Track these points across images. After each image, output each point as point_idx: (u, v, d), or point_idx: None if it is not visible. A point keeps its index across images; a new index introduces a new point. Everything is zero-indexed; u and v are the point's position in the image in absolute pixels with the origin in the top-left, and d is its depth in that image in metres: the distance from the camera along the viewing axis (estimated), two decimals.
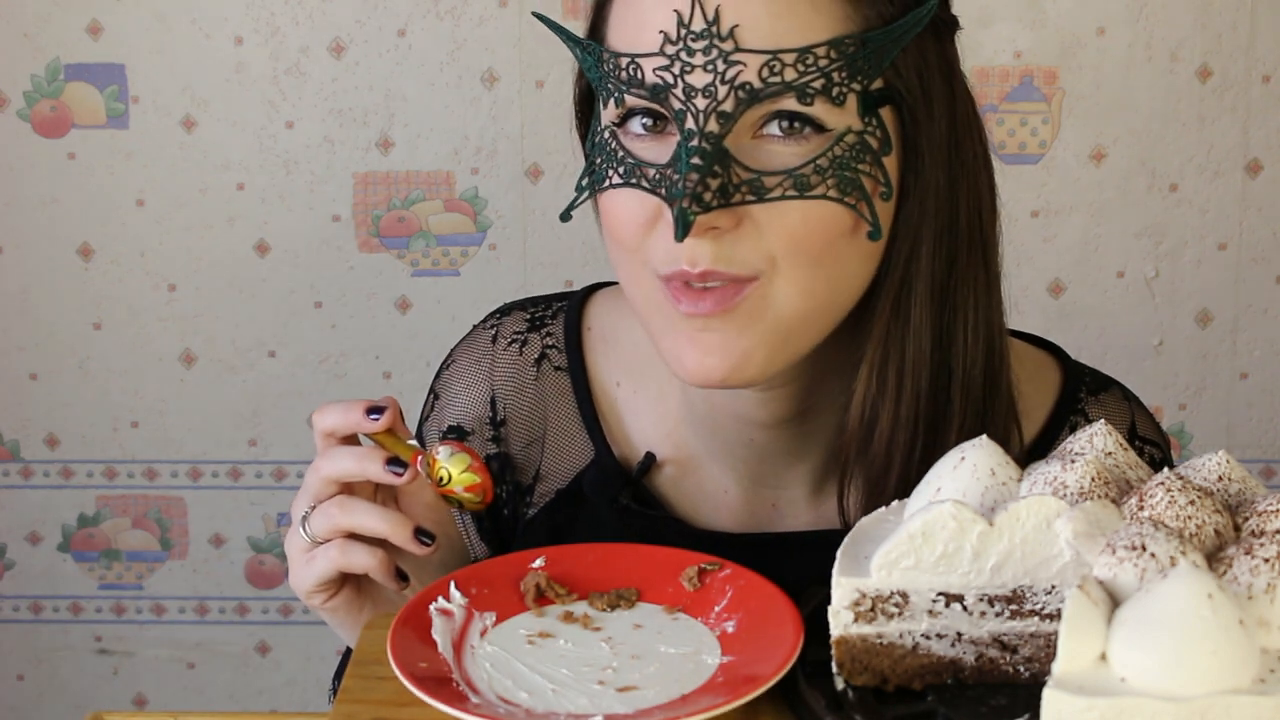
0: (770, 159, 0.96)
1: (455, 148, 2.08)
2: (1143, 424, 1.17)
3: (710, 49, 0.94)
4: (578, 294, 1.21)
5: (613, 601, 0.99)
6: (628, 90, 0.97)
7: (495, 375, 1.18)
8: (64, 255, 2.12)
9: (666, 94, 0.95)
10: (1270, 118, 2.05)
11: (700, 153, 0.94)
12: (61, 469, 2.20)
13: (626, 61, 0.97)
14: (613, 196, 0.99)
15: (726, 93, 0.94)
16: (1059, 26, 2.03)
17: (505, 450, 1.17)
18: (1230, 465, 0.89)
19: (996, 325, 1.04)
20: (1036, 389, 1.14)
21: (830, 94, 0.95)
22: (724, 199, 0.94)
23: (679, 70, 0.94)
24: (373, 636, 0.96)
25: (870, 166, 0.97)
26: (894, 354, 1.02)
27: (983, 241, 1.03)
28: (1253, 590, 0.78)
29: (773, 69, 0.94)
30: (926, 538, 0.85)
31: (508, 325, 1.20)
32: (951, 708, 0.86)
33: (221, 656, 2.26)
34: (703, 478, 1.14)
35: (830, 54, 0.94)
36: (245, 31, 2.06)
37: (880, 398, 1.02)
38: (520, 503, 1.17)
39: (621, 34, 0.98)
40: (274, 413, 2.16)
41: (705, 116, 0.94)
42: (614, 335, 1.17)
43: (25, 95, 2.08)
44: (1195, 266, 2.10)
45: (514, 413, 1.17)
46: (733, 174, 0.94)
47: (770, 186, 0.95)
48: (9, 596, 2.24)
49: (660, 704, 0.87)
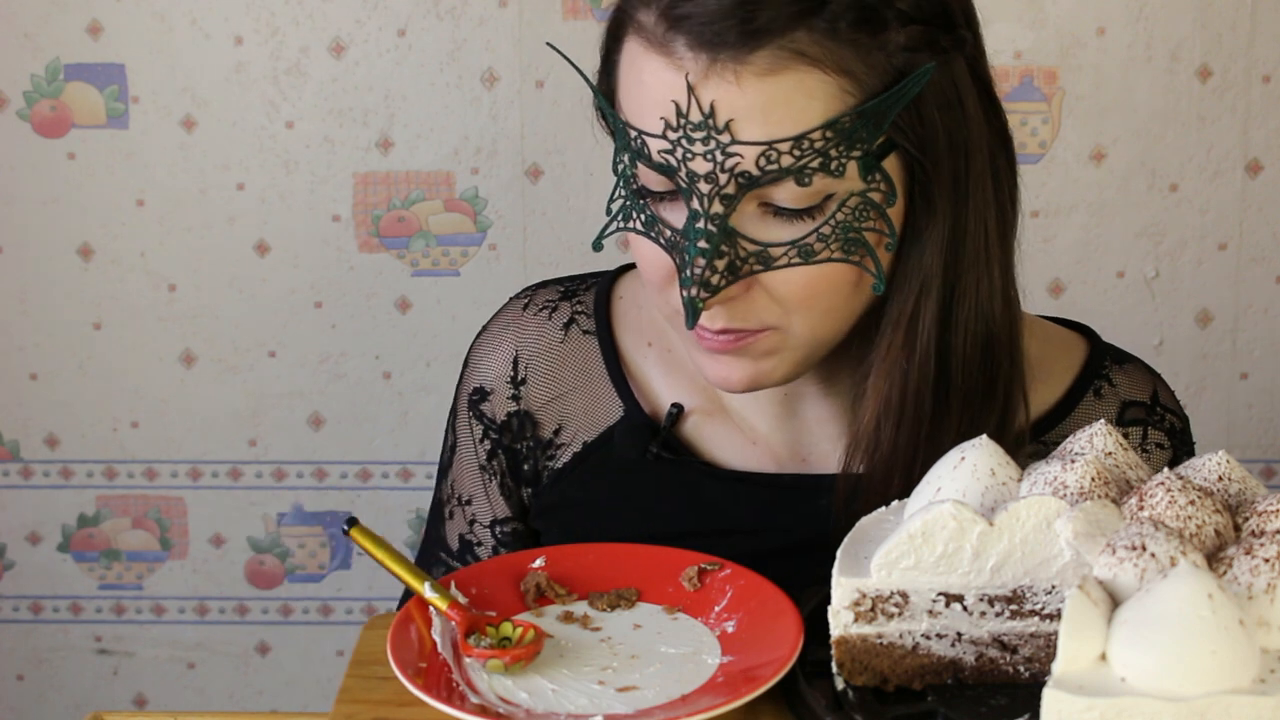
0: (776, 229, 0.99)
1: (455, 148, 2.08)
2: (1164, 395, 1.21)
3: (709, 139, 0.96)
4: (610, 272, 1.25)
5: (613, 601, 0.99)
6: (637, 159, 0.99)
7: (521, 337, 1.22)
8: (64, 255, 2.12)
9: (673, 174, 0.98)
10: (1270, 118, 2.05)
11: (707, 235, 0.97)
12: (61, 469, 2.20)
13: (634, 134, 0.99)
14: (637, 239, 1.04)
15: (727, 179, 0.96)
16: (1059, 26, 2.03)
17: (525, 408, 1.20)
18: (1230, 465, 0.89)
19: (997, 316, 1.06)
20: (1060, 357, 1.18)
21: (829, 169, 0.96)
22: (732, 275, 0.98)
23: (681, 155, 0.97)
24: (373, 636, 0.96)
25: (875, 221, 0.99)
26: (898, 381, 1.05)
27: (988, 255, 1.04)
28: (1253, 590, 0.78)
29: (769, 158, 0.95)
30: (926, 538, 0.85)
31: (541, 295, 1.24)
32: (951, 708, 0.86)
33: (221, 656, 2.26)
34: (731, 424, 1.17)
35: (826, 135, 0.96)
36: (245, 31, 2.05)
37: (884, 418, 1.06)
38: (542, 456, 1.20)
39: (628, 103, 1.01)
40: (274, 413, 2.16)
41: (709, 200, 0.97)
42: (646, 301, 1.21)
43: (25, 95, 2.07)
44: (1195, 266, 2.09)
45: (535, 371, 1.21)
46: (739, 249, 0.98)
47: (776, 256, 0.99)
48: (9, 596, 2.24)
49: (660, 704, 0.87)
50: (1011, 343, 1.07)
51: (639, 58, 0.98)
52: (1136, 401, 1.17)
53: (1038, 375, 1.14)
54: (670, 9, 0.96)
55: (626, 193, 1.03)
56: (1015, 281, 1.09)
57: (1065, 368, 1.18)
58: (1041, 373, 1.15)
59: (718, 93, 0.95)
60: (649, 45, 0.97)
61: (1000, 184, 1.05)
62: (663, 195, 1.01)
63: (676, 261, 0.99)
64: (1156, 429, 1.18)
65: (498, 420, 1.22)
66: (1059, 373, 1.17)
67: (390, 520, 2.13)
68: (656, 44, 0.97)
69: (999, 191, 1.05)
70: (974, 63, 1.03)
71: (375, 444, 2.16)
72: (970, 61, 1.02)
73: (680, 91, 0.95)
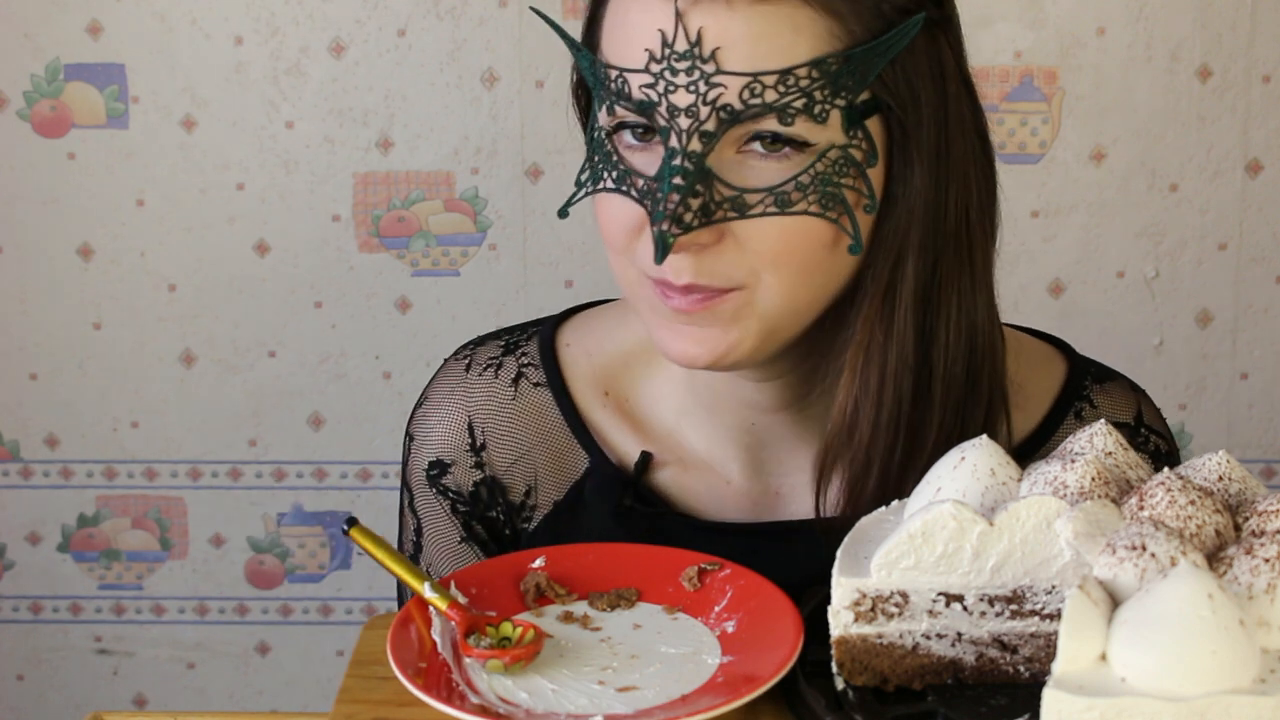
0: (753, 175, 0.96)
1: (455, 148, 2.08)
2: (1149, 414, 1.17)
3: (693, 70, 0.94)
4: (551, 318, 1.21)
5: (613, 601, 0.99)
6: (617, 102, 0.98)
7: (471, 400, 1.17)
8: (64, 255, 2.12)
9: (652, 110, 0.96)
10: (1270, 118, 2.05)
11: (683, 172, 0.95)
12: (61, 469, 2.20)
13: (615, 74, 0.98)
14: (605, 199, 1.01)
15: (709, 113, 0.95)
16: (1059, 26, 2.03)
17: (491, 474, 1.16)
18: (1230, 465, 0.89)
19: (981, 320, 1.04)
20: (1039, 379, 1.15)
21: (812, 112, 0.95)
22: (705, 218, 0.95)
23: (663, 89, 0.95)
24: (373, 636, 0.96)
25: (854, 179, 0.97)
26: (875, 359, 1.02)
27: (969, 240, 1.02)
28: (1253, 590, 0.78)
29: (753, 91, 0.94)
30: (926, 538, 0.85)
31: (481, 354, 1.19)
32: (951, 708, 0.86)
33: (221, 656, 2.26)
34: (704, 472, 1.14)
35: (812, 74, 0.95)
36: (245, 31, 2.05)
37: (862, 401, 1.03)
38: (516, 519, 1.16)
39: (611, 46, 0.99)
40: (274, 413, 2.16)
41: (688, 136, 0.95)
42: (597, 349, 1.17)
43: (25, 95, 2.07)
44: (1195, 266, 2.10)
45: (494, 434, 1.16)
46: (715, 191, 0.96)
47: (752, 203, 0.96)
48: (9, 596, 2.24)
49: (660, 704, 0.87)
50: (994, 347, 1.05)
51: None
52: (1119, 423, 1.13)
53: (1016, 398, 1.10)
54: None
55: (599, 155, 1.00)
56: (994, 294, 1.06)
57: (1044, 390, 1.14)
58: (1019, 395, 1.11)
59: (707, 19, 0.94)
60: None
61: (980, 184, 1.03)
62: (639, 137, 0.98)
63: (648, 207, 0.96)
64: (1140, 451, 1.12)
65: (465, 492, 1.16)
66: (1037, 396, 1.14)
67: (390, 520, 2.11)
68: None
69: (979, 191, 1.03)
70: (958, 55, 1.02)
71: (375, 444, 2.16)
72: (954, 50, 1.01)
73: (668, 20, 0.94)
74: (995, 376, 1.05)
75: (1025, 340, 1.18)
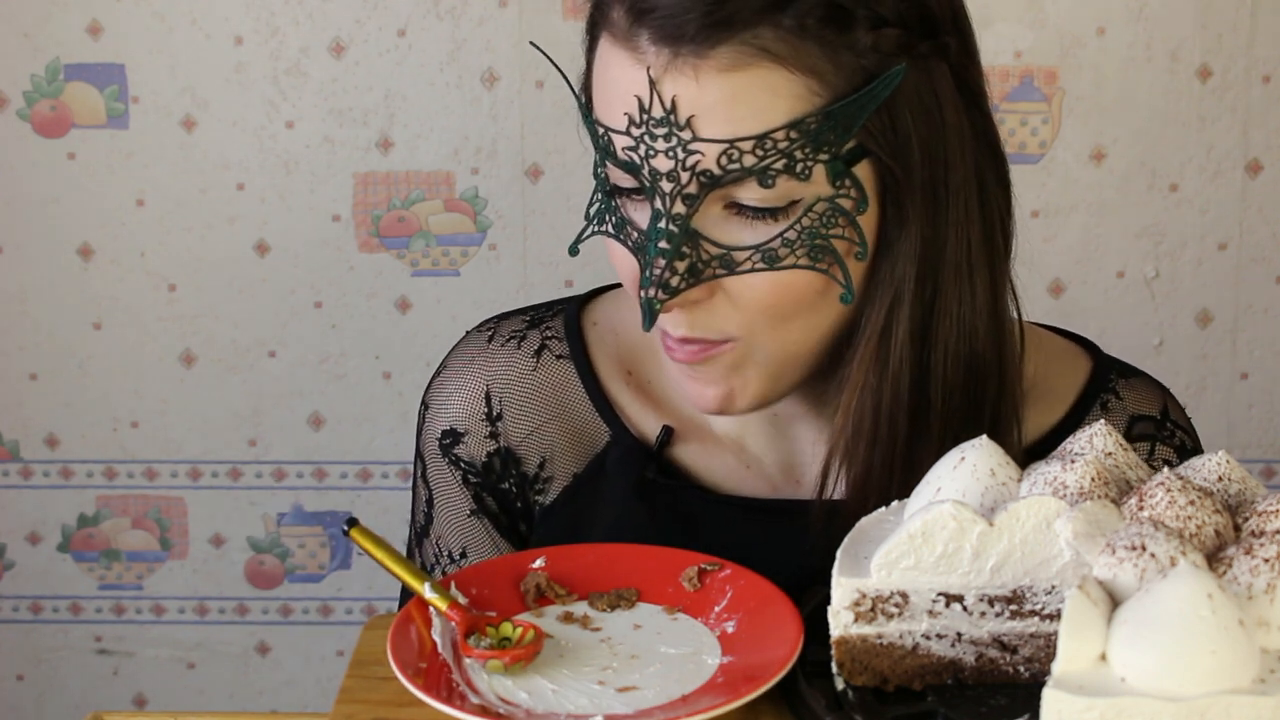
0: (740, 232, 0.96)
1: (455, 148, 2.08)
2: (1174, 410, 1.17)
3: (670, 135, 0.94)
4: (577, 296, 1.21)
5: (613, 602, 0.99)
6: (605, 158, 0.98)
7: (490, 369, 1.17)
8: (64, 255, 2.12)
9: (636, 172, 0.96)
10: (1270, 118, 2.05)
11: (668, 235, 0.95)
12: (61, 469, 2.20)
13: (602, 132, 0.98)
14: (611, 244, 1.02)
15: (689, 178, 0.94)
16: (1059, 26, 2.03)
17: (505, 445, 1.16)
18: (1230, 465, 0.89)
19: (982, 346, 1.03)
20: (1063, 375, 1.15)
21: (794, 170, 0.94)
22: (694, 278, 0.96)
23: (644, 153, 0.95)
24: (373, 637, 0.96)
25: (844, 228, 0.97)
26: (869, 402, 1.02)
27: (970, 267, 1.01)
28: (1253, 590, 0.78)
29: (731, 157, 0.94)
30: (926, 538, 0.85)
31: (505, 326, 1.19)
32: (951, 708, 0.86)
33: (221, 656, 2.26)
34: (725, 449, 1.14)
35: (790, 135, 0.93)
36: (245, 31, 2.05)
37: (856, 438, 1.03)
38: (530, 491, 1.16)
39: (599, 102, 0.99)
40: (274, 413, 2.16)
41: (670, 199, 0.95)
42: (622, 328, 1.17)
43: (25, 95, 2.07)
44: (1195, 266, 2.10)
45: (511, 404, 1.16)
46: (702, 250, 0.96)
47: (740, 260, 0.96)
48: (9, 596, 2.24)
49: (660, 704, 0.87)
50: (1001, 364, 1.03)
51: (607, 53, 0.97)
52: (1145, 416, 1.14)
53: (1039, 395, 1.11)
54: (636, 3, 0.95)
55: (602, 195, 1.01)
56: (1009, 300, 1.05)
57: (1068, 385, 1.14)
58: (1042, 391, 1.11)
59: (678, 88, 0.93)
60: (616, 40, 0.96)
61: (988, 198, 1.02)
62: (631, 195, 0.99)
63: (640, 263, 0.97)
64: (1165, 444, 1.14)
65: (477, 463, 1.16)
66: (1061, 390, 1.13)
67: (390, 520, 2.13)
68: (623, 38, 0.96)
69: (985, 206, 1.01)
70: (961, 71, 1.00)
71: (375, 444, 2.16)
72: (956, 69, 0.99)
73: (643, 86, 0.94)
74: (1002, 393, 1.05)
75: (1050, 338, 1.18)
